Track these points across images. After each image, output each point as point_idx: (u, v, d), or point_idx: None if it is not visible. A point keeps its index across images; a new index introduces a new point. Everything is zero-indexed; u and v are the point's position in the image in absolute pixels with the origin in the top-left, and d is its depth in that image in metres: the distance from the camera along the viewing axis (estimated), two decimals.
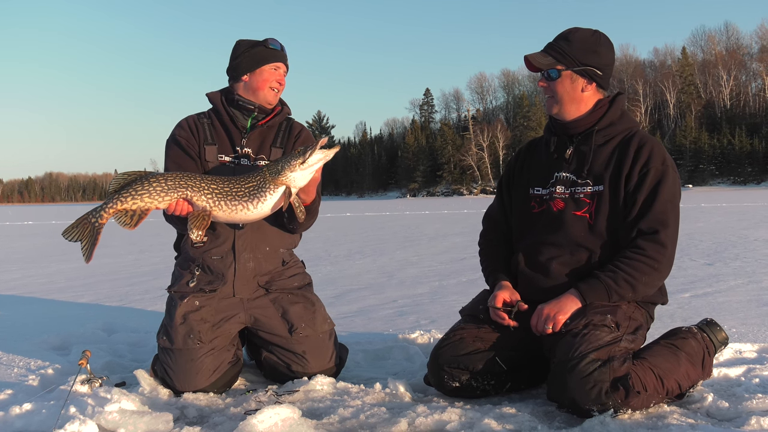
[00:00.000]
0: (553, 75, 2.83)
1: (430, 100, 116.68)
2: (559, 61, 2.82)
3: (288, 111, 3.32)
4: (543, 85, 2.88)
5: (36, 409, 2.64)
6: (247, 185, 2.79)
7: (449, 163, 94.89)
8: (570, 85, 2.83)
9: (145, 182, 2.74)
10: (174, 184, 2.76)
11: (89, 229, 2.73)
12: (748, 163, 75.23)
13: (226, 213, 2.80)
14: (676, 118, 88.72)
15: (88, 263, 2.76)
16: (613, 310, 2.66)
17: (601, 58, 2.84)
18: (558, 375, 2.55)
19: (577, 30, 2.87)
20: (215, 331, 3.02)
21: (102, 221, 2.73)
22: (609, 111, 2.85)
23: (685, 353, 2.70)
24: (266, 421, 2.34)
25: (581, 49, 2.81)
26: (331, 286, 6.46)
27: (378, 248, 10.86)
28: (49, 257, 10.76)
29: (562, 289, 2.75)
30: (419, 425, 2.47)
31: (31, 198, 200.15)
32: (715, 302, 4.90)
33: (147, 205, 2.74)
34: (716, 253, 8.39)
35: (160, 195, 2.75)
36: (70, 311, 5.40)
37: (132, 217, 2.73)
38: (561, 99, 2.84)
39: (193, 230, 2.76)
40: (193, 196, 2.77)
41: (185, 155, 3.13)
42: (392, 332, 4.24)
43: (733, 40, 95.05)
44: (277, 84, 3.18)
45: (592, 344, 2.52)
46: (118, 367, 3.43)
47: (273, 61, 3.17)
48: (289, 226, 3.13)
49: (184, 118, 3.26)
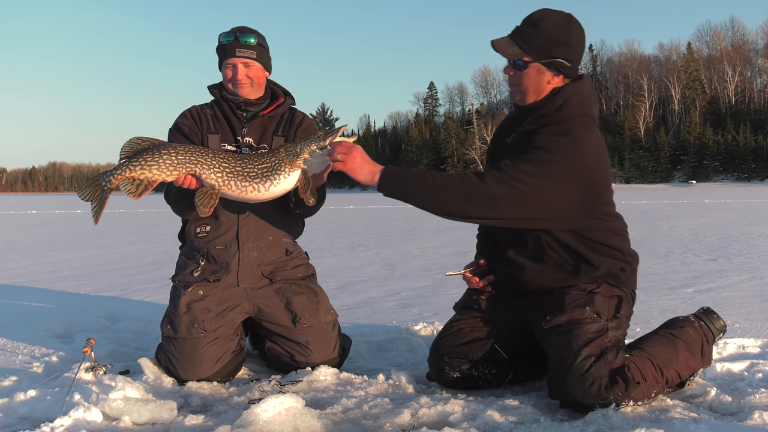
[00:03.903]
0: (520, 65, 2.72)
1: (434, 93, 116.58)
2: (526, 51, 2.67)
3: (291, 102, 3.29)
4: (509, 73, 2.77)
5: (40, 396, 2.65)
6: (260, 165, 2.76)
7: (453, 157, 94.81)
8: (536, 77, 2.71)
9: (156, 153, 2.73)
10: (184, 159, 2.74)
11: (99, 191, 2.74)
12: (753, 159, 75.11)
13: (236, 192, 2.78)
14: (680, 114, 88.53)
15: (96, 225, 2.77)
16: (590, 300, 2.64)
17: (571, 49, 2.69)
18: (556, 377, 2.56)
19: (547, 16, 2.68)
20: (219, 321, 3.03)
21: (110, 186, 2.73)
22: (550, 100, 2.71)
23: (683, 342, 2.69)
24: (270, 410, 2.35)
25: (551, 40, 2.65)
26: (335, 277, 6.47)
27: (381, 241, 10.85)
28: (53, 246, 10.77)
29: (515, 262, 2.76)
30: (422, 416, 2.47)
31: (34, 187, 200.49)
32: (719, 297, 4.90)
33: (155, 176, 2.73)
34: (720, 249, 8.37)
35: (169, 168, 2.73)
36: (74, 300, 5.41)
37: (138, 187, 2.72)
38: (525, 90, 2.74)
39: (199, 206, 2.75)
40: (203, 173, 2.75)
41: (188, 142, 3.11)
42: (395, 324, 4.25)
43: (738, 35, 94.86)
44: (238, 81, 3.11)
45: (581, 340, 2.52)
46: (122, 355, 3.44)
47: (223, 59, 3.13)
48: (296, 211, 3.12)
49: (187, 108, 3.26)
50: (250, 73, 3.13)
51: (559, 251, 2.69)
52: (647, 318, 4.16)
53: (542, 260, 2.72)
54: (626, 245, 2.79)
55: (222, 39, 3.12)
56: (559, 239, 2.68)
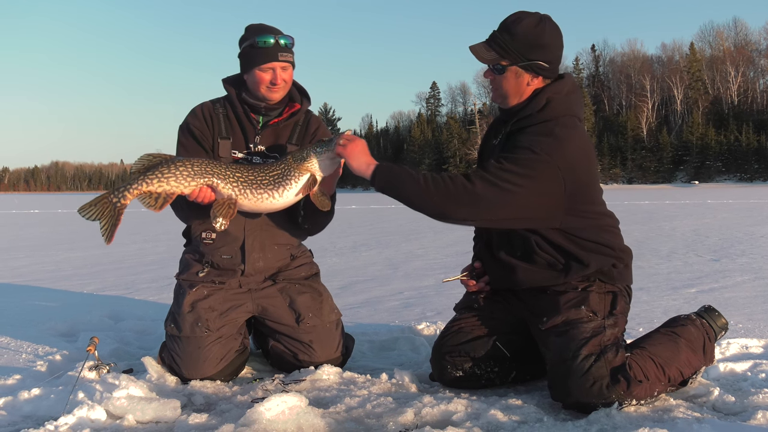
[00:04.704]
0: (498, 69, 2.73)
1: (436, 93, 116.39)
2: (503, 56, 2.69)
3: (307, 105, 3.19)
4: (490, 77, 2.79)
5: (44, 395, 2.66)
6: (272, 173, 2.77)
7: (455, 157, 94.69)
8: (515, 80, 2.72)
9: (172, 166, 2.72)
10: (200, 170, 2.74)
11: (109, 208, 2.69)
12: (755, 159, 74.95)
13: (252, 201, 2.78)
14: (683, 114, 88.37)
15: (108, 244, 2.72)
16: (584, 299, 2.66)
17: (547, 51, 2.70)
18: (557, 379, 2.56)
19: (521, 20, 2.70)
20: (223, 320, 3.03)
21: (125, 201, 2.69)
22: (532, 101, 2.73)
23: (685, 340, 2.69)
24: (273, 409, 2.35)
25: (526, 44, 2.67)
26: (337, 277, 6.47)
27: (383, 240, 10.85)
28: (56, 245, 10.79)
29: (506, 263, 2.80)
30: (425, 415, 2.47)
31: (37, 187, 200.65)
32: (722, 298, 4.90)
33: (173, 188, 2.72)
34: (722, 249, 8.36)
35: (186, 180, 2.73)
36: (77, 299, 5.42)
37: (157, 200, 2.71)
38: (506, 93, 2.76)
39: (218, 219, 2.74)
40: (219, 184, 2.75)
41: (199, 146, 3.08)
42: (398, 323, 4.26)
43: (741, 36, 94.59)
44: (273, 85, 3.00)
45: (579, 340, 2.53)
46: (125, 354, 3.44)
47: (262, 63, 2.96)
48: (304, 225, 3.11)
49: (199, 105, 3.16)
50: (286, 77, 3.02)
51: (548, 250, 2.71)
52: (650, 318, 4.16)
53: (532, 260, 2.74)
54: (617, 241, 2.79)
55: (259, 41, 2.94)
56: (548, 238, 2.70)
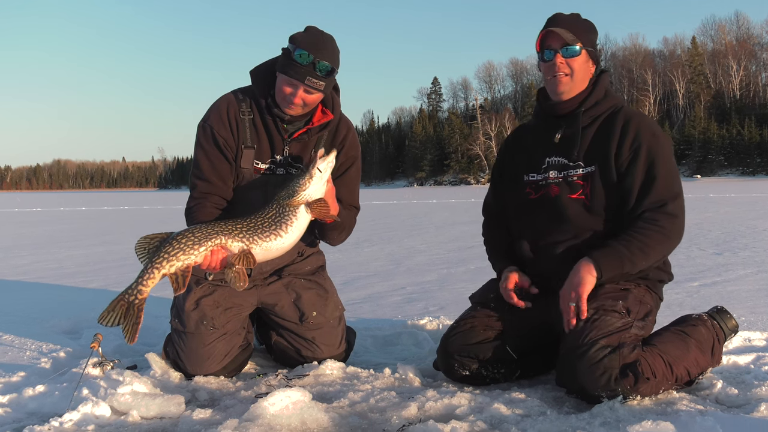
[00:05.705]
0: (577, 51, 2.79)
1: (437, 88, 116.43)
2: (579, 38, 2.79)
3: (336, 115, 3.06)
4: (560, 61, 2.78)
5: (49, 391, 2.67)
6: (267, 216, 2.73)
7: (457, 152, 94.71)
8: (585, 63, 2.83)
9: (173, 241, 2.61)
10: (203, 234, 2.64)
11: (126, 308, 2.54)
12: (758, 153, 74.76)
13: (264, 248, 2.70)
14: (685, 108, 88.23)
15: (131, 344, 2.56)
16: (624, 296, 2.66)
17: (595, 39, 2.89)
18: (567, 361, 2.55)
19: (569, 14, 2.88)
20: (227, 315, 3.02)
21: (142, 296, 2.55)
22: (594, 90, 2.84)
23: (695, 340, 2.69)
24: (277, 403, 2.36)
25: (586, 30, 2.83)
26: (340, 272, 6.47)
27: (386, 236, 10.86)
28: (58, 243, 10.80)
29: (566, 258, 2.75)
30: (429, 409, 2.48)
31: (39, 185, 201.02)
32: (724, 291, 4.89)
33: (184, 263, 2.60)
34: (725, 243, 8.36)
35: (194, 248, 2.61)
36: (81, 296, 5.44)
37: (177, 281, 2.59)
38: (576, 76, 2.81)
39: (235, 284, 2.66)
40: (227, 240, 2.66)
41: (223, 158, 2.99)
42: (401, 318, 4.26)
43: (743, 30, 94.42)
44: (292, 104, 2.89)
45: (603, 330, 2.52)
46: (129, 350, 3.45)
47: (290, 77, 2.84)
48: (324, 241, 3.16)
49: (225, 102, 3.03)
50: (308, 99, 2.90)
51: None
52: None
53: None
54: (668, 259, 2.89)
55: (296, 54, 2.81)
56: None
